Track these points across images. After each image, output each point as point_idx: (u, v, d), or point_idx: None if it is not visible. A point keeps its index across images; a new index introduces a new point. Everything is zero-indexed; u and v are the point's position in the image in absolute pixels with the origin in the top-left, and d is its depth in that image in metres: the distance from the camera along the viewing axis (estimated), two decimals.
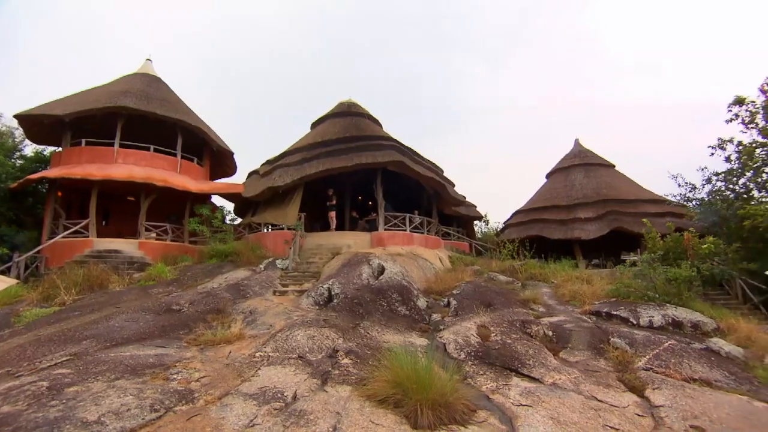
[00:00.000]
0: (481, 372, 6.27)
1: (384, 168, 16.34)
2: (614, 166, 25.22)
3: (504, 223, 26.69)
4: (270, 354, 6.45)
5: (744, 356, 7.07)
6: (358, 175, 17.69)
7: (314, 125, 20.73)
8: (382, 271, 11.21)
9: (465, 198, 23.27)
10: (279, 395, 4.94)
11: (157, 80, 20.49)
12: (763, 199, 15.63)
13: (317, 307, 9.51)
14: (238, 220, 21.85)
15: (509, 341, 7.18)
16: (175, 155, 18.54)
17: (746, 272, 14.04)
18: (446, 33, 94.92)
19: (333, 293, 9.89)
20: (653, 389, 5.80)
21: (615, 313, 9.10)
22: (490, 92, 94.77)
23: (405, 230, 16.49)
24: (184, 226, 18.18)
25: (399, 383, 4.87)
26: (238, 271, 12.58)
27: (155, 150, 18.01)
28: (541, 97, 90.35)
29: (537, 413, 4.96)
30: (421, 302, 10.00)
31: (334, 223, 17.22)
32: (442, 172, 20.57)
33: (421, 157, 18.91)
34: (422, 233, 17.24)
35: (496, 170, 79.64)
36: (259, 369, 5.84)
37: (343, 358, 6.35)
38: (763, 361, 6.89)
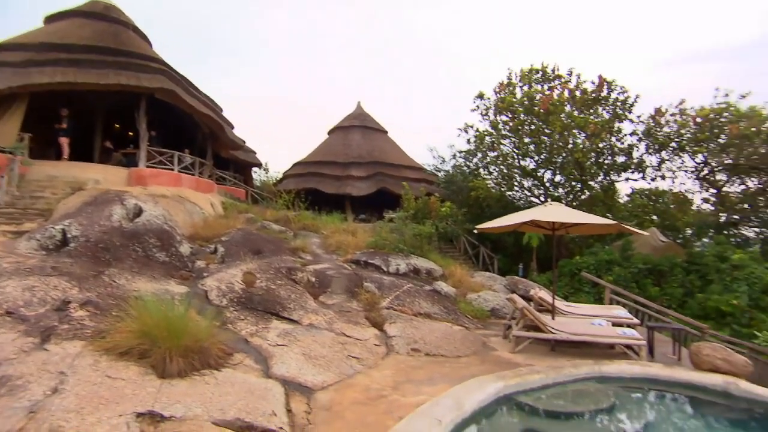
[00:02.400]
0: (243, 317, 6.37)
1: (151, 95, 14.04)
2: (387, 132, 28.45)
3: (284, 173, 27.01)
4: None
5: (455, 294, 9.34)
6: (114, 98, 14.68)
7: (49, 20, 15.93)
8: (139, 213, 9.85)
9: (244, 142, 22.35)
10: None
11: None
12: (485, 176, 20.48)
13: (44, 252, 7.72)
14: None
15: (274, 287, 7.48)
16: None
17: (468, 232, 18.28)
18: None
19: (69, 236, 8.17)
20: (390, 324, 7.07)
21: (371, 261, 10.54)
22: (292, 44, 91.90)
23: (173, 170, 14.78)
24: None
25: (147, 333, 4.50)
26: None
27: None
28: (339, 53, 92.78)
29: (291, 351, 5.41)
30: (185, 248, 9.32)
31: (65, 151, 13.93)
32: (221, 110, 19.11)
33: (198, 90, 17.04)
34: (193, 175, 15.82)
35: (284, 121, 78.92)
36: None
37: (76, 311, 5.41)
38: (465, 297, 9.28)
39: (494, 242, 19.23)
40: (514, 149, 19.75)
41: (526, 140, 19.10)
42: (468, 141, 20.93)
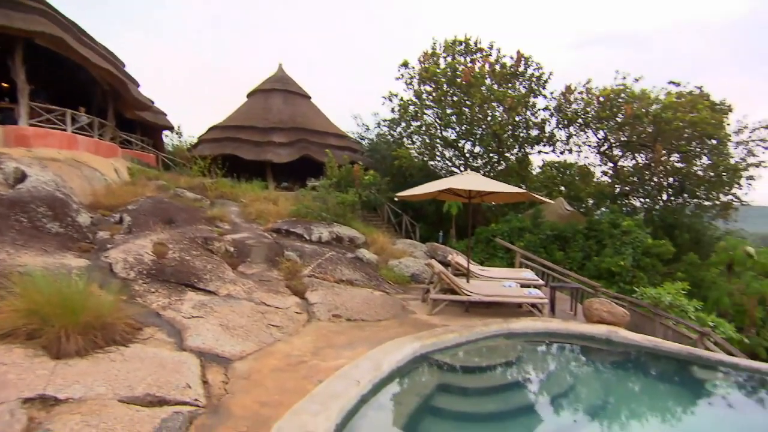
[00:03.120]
0: (154, 290, 6.00)
1: (30, 40, 12.16)
2: (310, 97, 27.60)
3: (199, 138, 25.26)
4: None
5: (377, 261, 9.56)
6: None
7: None
8: (22, 178, 8.70)
9: (153, 103, 20.46)
10: None
11: None
12: (409, 146, 20.81)
13: None
14: None
15: (188, 258, 7.11)
16: None
17: (391, 200, 18.61)
18: None
19: None
20: (312, 291, 7.08)
21: (293, 230, 10.38)
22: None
23: (66, 130, 13.15)
24: None
25: (35, 311, 4.07)
26: None
27: None
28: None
29: (208, 323, 5.23)
30: (84, 218, 8.46)
31: None
32: (124, 66, 17.21)
33: (94, 41, 15.11)
34: (92, 137, 14.23)
35: (201, 84, 73.19)
36: None
37: None
38: (387, 264, 9.55)
39: (416, 211, 19.83)
40: (437, 119, 20.23)
41: (449, 111, 19.62)
42: (392, 110, 21.04)
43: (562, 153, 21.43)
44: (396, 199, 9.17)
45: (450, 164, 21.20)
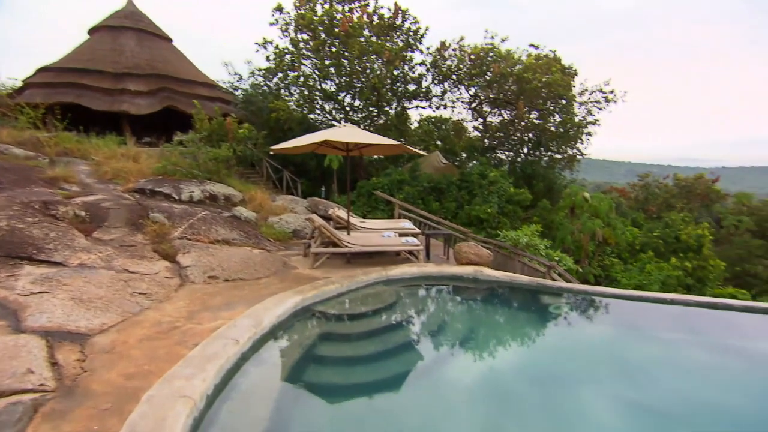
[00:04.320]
0: None
1: None
2: (171, 40, 24.47)
3: (24, 81, 20.90)
4: None
5: (256, 219, 9.25)
6: None
7: None
8: None
9: None
10: None
11: None
12: (287, 98, 19.95)
13: None
14: None
15: (22, 226, 6.06)
16: None
17: (271, 155, 17.89)
18: None
19: None
20: (184, 254, 6.62)
21: (159, 189, 9.44)
22: None
23: None
24: None
25: None
26: None
27: None
28: None
29: (55, 298, 4.60)
30: None
31: None
32: None
33: None
34: None
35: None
36: None
37: None
38: (267, 221, 9.30)
39: (298, 166, 19.41)
40: (315, 70, 19.60)
41: (327, 62, 19.11)
42: (267, 58, 19.77)
43: (437, 108, 22.54)
44: (271, 152, 8.83)
45: (330, 118, 20.92)
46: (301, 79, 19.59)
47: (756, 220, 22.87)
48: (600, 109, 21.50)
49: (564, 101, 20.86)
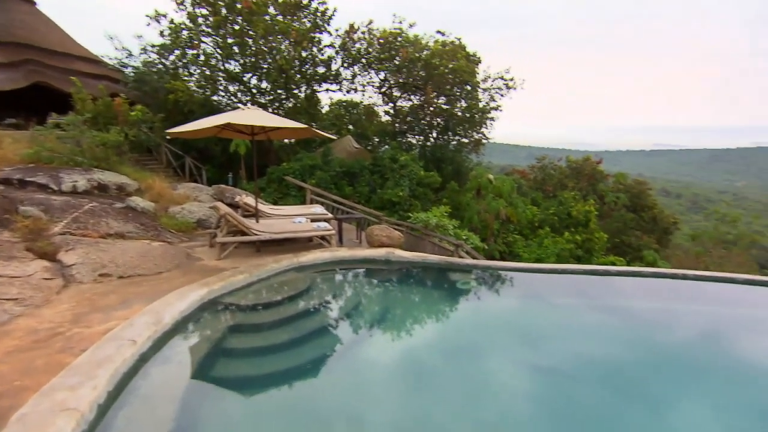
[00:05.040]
0: None
1: None
2: (35, 3, 21.19)
3: None
4: None
5: (155, 209, 8.55)
6: None
7: None
8: None
9: None
10: None
11: None
12: (186, 77, 18.50)
13: None
14: None
15: None
16: None
17: (169, 140, 16.56)
18: None
19: None
20: (67, 251, 5.92)
21: (31, 179, 8.31)
22: None
23: None
24: None
25: None
26: None
27: None
28: None
29: None
30: None
31: None
32: None
33: None
34: None
35: None
36: None
37: None
38: (167, 212, 8.64)
39: (201, 152, 18.19)
40: (217, 49, 18.37)
41: (230, 41, 17.99)
42: (161, 33, 18.07)
43: (348, 92, 22.40)
44: (168, 137, 8.17)
45: (236, 100, 19.83)
46: (201, 57, 18.23)
47: (630, 196, 26.08)
48: (502, 95, 22.91)
49: (469, 87, 21.87)
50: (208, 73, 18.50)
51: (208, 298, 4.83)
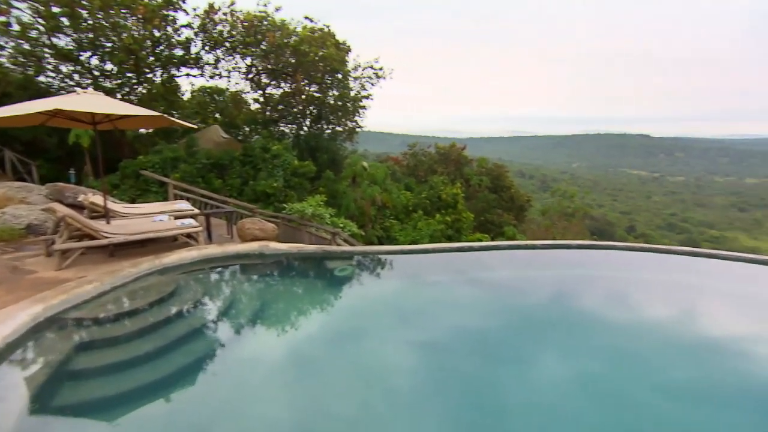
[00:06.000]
0: None
1: None
2: None
3: None
4: None
5: None
6: None
7: None
8: None
9: None
10: None
11: None
12: None
13: None
14: None
15: None
16: None
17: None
18: None
19: None
20: None
21: None
22: None
23: None
24: None
25: None
26: None
27: None
28: None
29: None
30: None
31: None
32: None
33: None
34: None
35: None
36: None
37: None
38: None
39: (28, 144, 15.40)
40: (39, 19, 15.49)
41: (55, 9, 15.27)
42: None
43: (212, 77, 20.91)
44: None
45: (72, 83, 17.11)
46: (15, 27, 15.14)
47: (491, 178, 29.04)
48: (372, 84, 23.47)
49: (340, 76, 21.99)
50: (27, 47, 15.57)
51: (45, 316, 4.16)
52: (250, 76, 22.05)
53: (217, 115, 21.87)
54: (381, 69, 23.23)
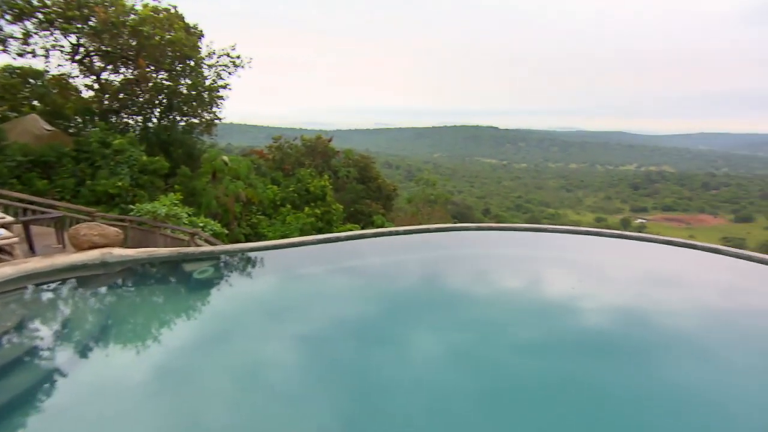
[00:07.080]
0: None
1: None
2: None
3: None
4: None
5: None
6: None
7: None
8: None
9: None
10: None
11: None
12: None
13: None
14: None
15: None
16: None
17: None
18: None
19: None
20: None
21: None
22: None
23: None
24: None
25: None
26: None
27: None
28: None
29: None
30: None
31: None
32: None
33: None
34: None
35: None
36: None
37: None
38: None
39: None
40: None
41: None
42: None
43: (20, 55, 17.45)
44: None
45: None
46: None
47: (358, 170, 29.72)
48: (230, 73, 22.09)
49: (192, 63, 20.26)
50: None
51: None
52: (78, 57, 19.03)
53: (35, 103, 18.41)
54: (239, 57, 22.02)
